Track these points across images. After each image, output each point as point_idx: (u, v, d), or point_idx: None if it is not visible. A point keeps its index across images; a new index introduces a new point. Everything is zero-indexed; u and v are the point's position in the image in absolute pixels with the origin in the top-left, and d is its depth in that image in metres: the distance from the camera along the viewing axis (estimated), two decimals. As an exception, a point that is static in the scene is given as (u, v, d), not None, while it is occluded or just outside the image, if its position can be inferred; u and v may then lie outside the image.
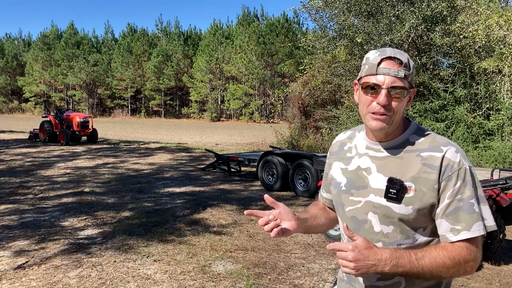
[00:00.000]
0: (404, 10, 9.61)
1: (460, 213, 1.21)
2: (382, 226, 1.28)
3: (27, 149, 14.79)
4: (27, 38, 66.32)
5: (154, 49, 52.77)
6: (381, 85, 1.24)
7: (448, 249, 1.21)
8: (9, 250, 4.49)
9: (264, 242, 4.93)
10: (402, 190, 1.23)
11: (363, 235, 1.28)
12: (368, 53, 1.32)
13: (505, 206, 4.24)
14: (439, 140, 1.29)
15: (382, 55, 1.26)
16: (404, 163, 1.28)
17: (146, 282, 3.74)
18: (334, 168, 1.46)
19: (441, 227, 1.24)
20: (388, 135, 1.31)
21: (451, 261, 1.19)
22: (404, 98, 1.26)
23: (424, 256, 1.19)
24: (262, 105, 46.44)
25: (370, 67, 1.27)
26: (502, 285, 3.89)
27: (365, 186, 1.32)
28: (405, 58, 1.25)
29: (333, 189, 1.44)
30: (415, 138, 1.31)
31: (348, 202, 1.35)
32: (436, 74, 10.44)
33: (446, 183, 1.22)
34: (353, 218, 1.34)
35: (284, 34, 44.92)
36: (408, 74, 1.25)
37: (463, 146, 9.51)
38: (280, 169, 8.04)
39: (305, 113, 14.10)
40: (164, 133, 25.18)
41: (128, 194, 7.48)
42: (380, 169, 1.31)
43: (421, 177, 1.24)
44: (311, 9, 11.03)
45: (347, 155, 1.43)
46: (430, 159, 1.25)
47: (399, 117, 1.28)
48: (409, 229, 1.26)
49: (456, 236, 1.21)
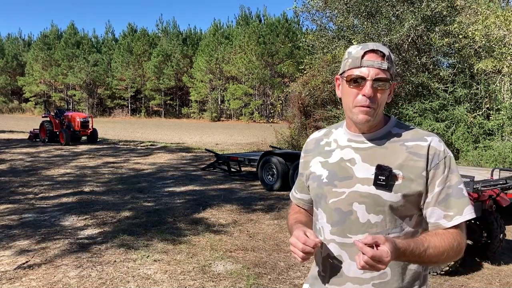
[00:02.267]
0: (403, 10, 9.62)
1: (451, 199, 1.26)
2: (370, 215, 1.27)
3: (27, 149, 14.79)
4: (27, 38, 66.38)
5: (154, 49, 52.75)
6: (366, 77, 1.26)
7: (446, 235, 1.24)
8: (9, 250, 4.49)
9: (264, 242, 4.94)
10: (391, 177, 1.24)
11: (349, 226, 1.28)
12: (350, 47, 1.34)
13: (505, 206, 4.25)
14: (421, 131, 1.34)
15: (365, 48, 1.28)
16: (389, 152, 1.30)
17: (146, 282, 3.74)
18: (313, 164, 1.43)
19: (433, 215, 1.27)
20: (371, 127, 1.33)
21: (450, 247, 1.23)
22: (386, 90, 1.29)
23: (429, 246, 1.21)
24: (262, 105, 46.42)
25: (353, 61, 1.29)
26: (502, 285, 3.89)
27: (349, 176, 1.31)
28: (386, 51, 1.28)
29: (313, 182, 1.41)
30: (397, 130, 1.35)
31: (331, 194, 1.33)
32: (436, 74, 10.44)
33: (434, 172, 1.26)
34: (337, 209, 1.31)
35: (284, 34, 44.87)
36: (390, 66, 1.28)
37: (463, 146, 9.51)
38: (280, 169, 8.05)
39: (305, 113, 14.09)
40: (164, 133, 25.18)
41: (128, 194, 7.48)
42: (365, 158, 1.31)
43: (408, 165, 1.26)
44: (311, 10, 11.04)
45: (325, 149, 1.42)
46: (415, 148, 1.28)
47: (381, 109, 1.31)
48: (397, 218, 1.27)
49: (450, 222, 1.25)
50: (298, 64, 17.36)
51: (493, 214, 4.27)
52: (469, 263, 4.29)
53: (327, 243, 1.33)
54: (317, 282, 1.40)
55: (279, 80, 42.41)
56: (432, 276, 3.98)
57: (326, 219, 1.35)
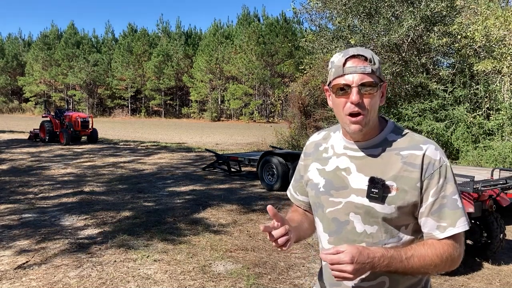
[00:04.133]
0: (403, 10, 9.62)
1: (445, 210, 1.23)
2: (366, 226, 1.26)
3: (27, 149, 14.79)
4: (28, 38, 66.37)
5: (154, 49, 52.76)
6: (351, 84, 1.23)
7: (435, 246, 1.22)
8: (10, 250, 4.49)
9: (264, 242, 4.94)
10: (384, 189, 1.23)
11: (346, 236, 1.28)
12: (333, 56, 1.32)
13: (505, 206, 4.25)
14: (418, 138, 1.29)
15: (345, 55, 1.26)
16: (384, 162, 1.27)
17: (146, 282, 3.74)
18: (311, 169, 1.42)
19: (426, 225, 1.25)
20: (365, 135, 1.30)
21: (439, 259, 1.20)
22: (376, 94, 1.26)
23: (413, 255, 1.19)
24: (262, 105, 46.42)
25: (336, 69, 1.27)
26: (502, 285, 3.89)
27: (345, 186, 1.30)
28: (369, 54, 1.26)
29: (311, 190, 1.40)
30: (393, 137, 1.31)
31: (328, 203, 1.32)
32: (435, 74, 10.44)
33: (429, 182, 1.23)
34: (334, 219, 1.31)
35: (283, 34, 44.90)
36: (376, 69, 1.25)
37: (463, 146, 9.51)
38: (280, 169, 8.05)
39: (305, 113, 14.08)
40: (164, 133, 25.18)
41: (129, 194, 7.49)
42: (360, 169, 1.29)
43: (403, 176, 1.24)
44: (310, 10, 11.04)
45: (323, 155, 1.40)
46: (410, 158, 1.25)
47: (374, 114, 1.27)
48: (392, 228, 1.26)
49: (443, 233, 1.23)
50: (298, 64, 17.37)
51: (493, 214, 4.27)
52: (469, 263, 4.29)
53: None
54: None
55: (279, 80, 42.39)
56: (432, 276, 3.98)
57: (323, 229, 1.35)
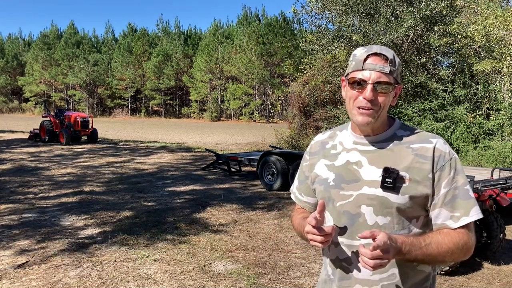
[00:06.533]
0: (403, 10, 9.62)
1: (457, 200, 1.27)
2: (378, 217, 1.28)
3: (27, 148, 14.79)
4: (28, 38, 66.36)
5: (154, 49, 52.76)
6: (367, 80, 1.27)
7: (451, 234, 1.25)
8: (10, 250, 4.49)
9: (264, 242, 4.94)
10: (398, 179, 1.25)
11: (357, 228, 1.28)
12: (356, 49, 1.35)
13: (505, 206, 4.25)
14: (426, 133, 1.35)
15: (368, 51, 1.29)
16: (395, 155, 1.30)
17: (146, 282, 3.74)
18: (318, 167, 1.43)
19: (440, 216, 1.28)
20: (374, 130, 1.34)
21: (455, 246, 1.24)
22: (389, 94, 1.30)
23: (431, 242, 1.22)
24: (262, 105, 46.42)
25: (356, 63, 1.30)
26: (502, 285, 3.89)
27: (356, 179, 1.31)
28: (390, 55, 1.29)
29: (319, 186, 1.41)
30: (402, 132, 1.35)
31: (339, 197, 1.33)
32: (435, 73, 10.44)
33: (440, 173, 1.27)
34: (346, 212, 1.32)
35: (282, 34, 44.88)
36: (394, 70, 1.29)
37: (463, 146, 9.51)
38: (280, 169, 8.05)
39: (305, 113, 14.08)
40: (164, 133, 25.18)
41: (129, 194, 7.49)
42: (372, 161, 1.31)
43: (415, 167, 1.27)
44: (310, 11, 11.04)
45: (331, 152, 1.42)
46: (421, 150, 1.29)
47: (385, 112, 1.32)
48: (404, 220, 1.28)
49: (457, 222, 1.26)
50: (297, 64, 17.36)
51: (493, 214, 4.27)
52: (469, 263, 4.29)
53: (335, 246, 1.34)
54: (327, 286, 1.40)
55: (279, 80, 42.38)
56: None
57: (333, 222, 1.35)
